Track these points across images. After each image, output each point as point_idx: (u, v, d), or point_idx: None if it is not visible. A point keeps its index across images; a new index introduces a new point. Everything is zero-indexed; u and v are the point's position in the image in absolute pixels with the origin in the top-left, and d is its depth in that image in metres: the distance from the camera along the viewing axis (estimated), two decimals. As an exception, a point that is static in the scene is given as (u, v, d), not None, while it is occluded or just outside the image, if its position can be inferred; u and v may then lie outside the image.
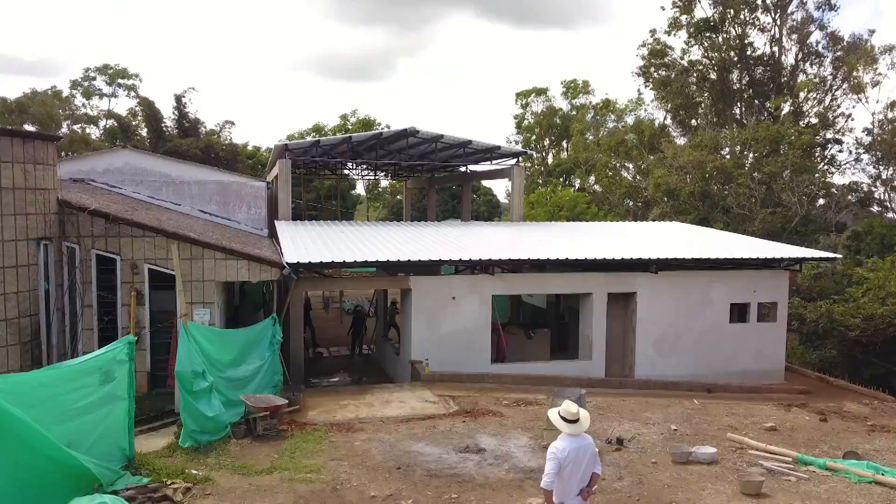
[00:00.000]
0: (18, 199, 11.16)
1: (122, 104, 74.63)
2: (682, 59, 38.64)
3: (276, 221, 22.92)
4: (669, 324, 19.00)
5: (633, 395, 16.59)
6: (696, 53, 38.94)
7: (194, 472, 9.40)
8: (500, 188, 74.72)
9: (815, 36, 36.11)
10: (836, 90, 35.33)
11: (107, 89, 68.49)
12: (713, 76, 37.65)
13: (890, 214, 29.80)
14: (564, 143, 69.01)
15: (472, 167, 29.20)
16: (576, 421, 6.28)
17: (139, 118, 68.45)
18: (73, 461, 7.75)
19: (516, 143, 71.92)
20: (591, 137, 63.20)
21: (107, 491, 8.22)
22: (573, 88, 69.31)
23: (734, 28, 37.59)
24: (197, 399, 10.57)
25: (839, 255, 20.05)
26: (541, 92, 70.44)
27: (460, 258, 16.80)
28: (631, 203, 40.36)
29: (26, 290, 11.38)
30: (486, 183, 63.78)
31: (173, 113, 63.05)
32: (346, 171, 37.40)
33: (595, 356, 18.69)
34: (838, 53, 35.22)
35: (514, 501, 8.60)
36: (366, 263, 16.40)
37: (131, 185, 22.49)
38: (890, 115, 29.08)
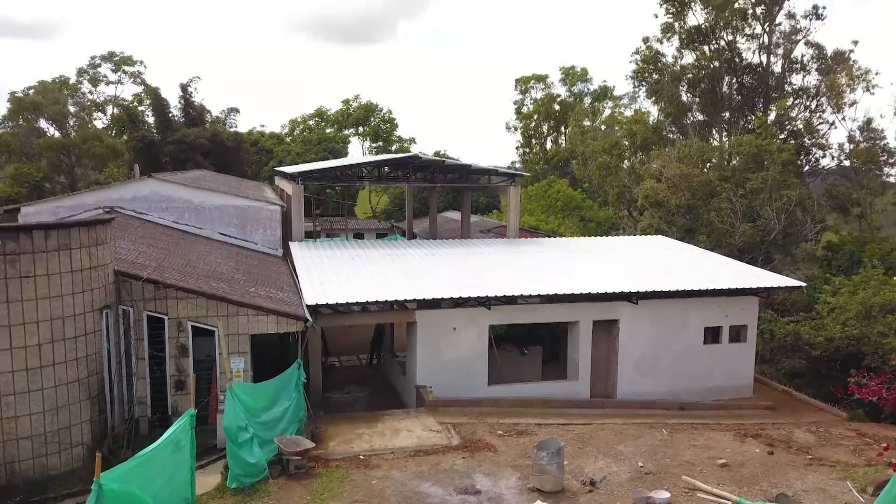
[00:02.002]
0: (86, 277, 13.14)
1: (128, 90, 75.84)
2: (673, 64, 40.15)
3: (290, 243, 24.91)
4: (649, 346, 21.14)
5: (613, 417, 18.79)
6: (688, 57, 40.52)
7: (244, 515, 11.59)
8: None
9: (802, 47, 37.63)
10: (822, 97, 37.00)
11: (112, 76, 69.97)
12: (704, 83, 39.19)
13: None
14: (563, 128, 70.48)
15: (471, 170, 31.01)
16: None
17: (145, 104, 69.91)
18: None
19: (515, 129, 73.48)
20: (588, 123, 64.76)
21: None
22: (572, 75, 70.47)
23: (725, 35, 39.03)
24: (241, 448, 12.72)
25: (803, 284, 22.04)
26: (540, 79, 71.78)
27: (460, 296, 18.86)
28: (626, 201, 42.14)
29: (93, 353, 13.44)
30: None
31: (179, 102, 64.59)
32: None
33: (581, 377, 20.88)
34: (823, 65, 36.84)
35: (503, 544, 10.78)
36: (377, 303, 18.43)
37: (157, 212, 24.39)
38: (866, 131, 30.85)
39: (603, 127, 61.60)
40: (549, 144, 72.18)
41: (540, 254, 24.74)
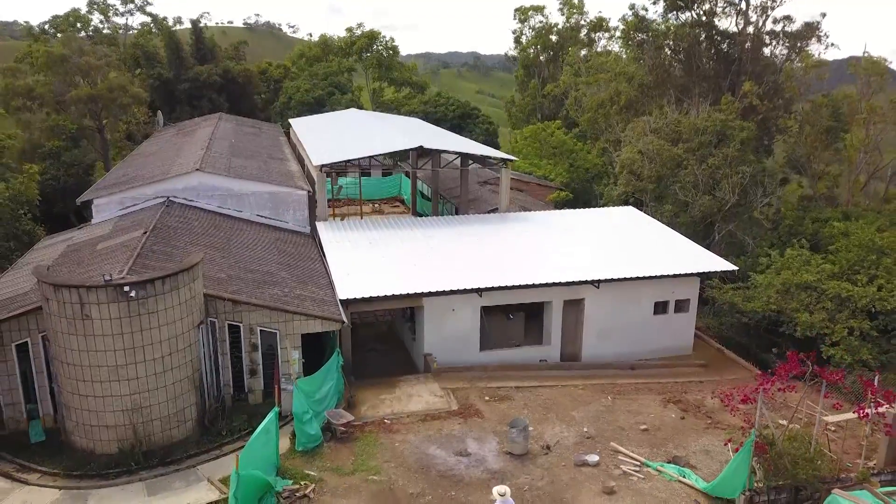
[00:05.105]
0: (189, 305, 18.30)
1: (136, 20, 77.58)
2: (656, 29, 43.32)
3: (316, 223, 29.84)
4: (608, 318, 26.51)
5: (575, 379, 24.42)
6: (672, 21, 43.63)
7: (312, 473, 17.35)
8: (499, 117, 79.06)
9: (776, 15, 40.80)
10: (793, 62, 40.59)
11: (121, 7, 71.96)
12: (684, 45, 42.50)
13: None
14: (561, 57, 72.89)
15: (469, 157, 35.50)
16: (504, 495, 13.92)
17: (153, 33, 72.18)
18: (265, 481, 15.65)
19: (514, 59, 75.91)
20: (584, 53, 67.51)
21: (277, 490, 16.16)
22: (569, 5, 72.10)
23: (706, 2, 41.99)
24: (305, 425, 18.36)
25: (736, 268, 27.17)
26: (538, 9, 73.32)
27: (458, 288, 24.07)
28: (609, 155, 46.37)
29: (195, 357, 18.82)
30: (484, 112, 68.77)
31: (190, 38, 67.17)
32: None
33: (553, 343, 26.41)
34: (794, 30, 40.25)
35: (484, 494, 16.53)
36: (395, 297, 23.60)
37: (204, 199, 29.14)
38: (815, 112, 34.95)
39: (598, 54, 64.52)
40: (546, 73, 74.83)
41: (524, 234, 29.61)
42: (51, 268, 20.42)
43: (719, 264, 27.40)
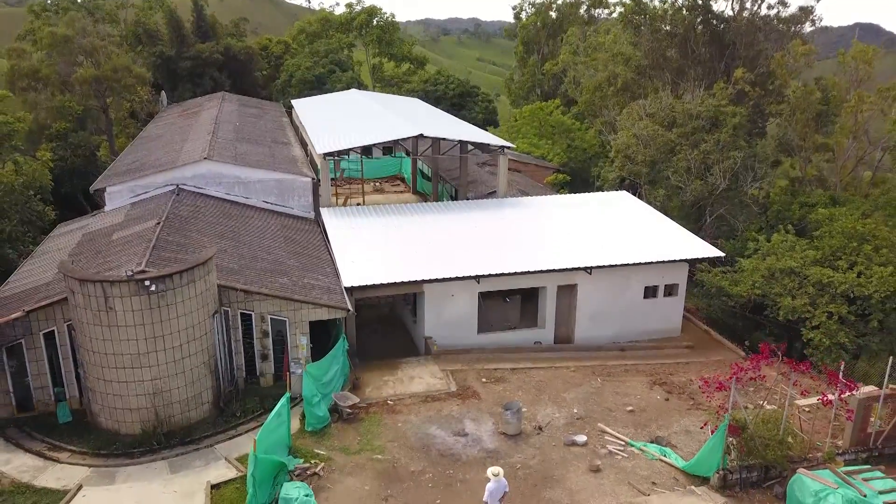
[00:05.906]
0: (205, 297, 19.55)
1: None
2: (655, 10, 43.90)
3: (321, 209, 30.95)
4: (600, 302, 27.79)
5: (567, 360, 25.79)
6: (668, 3, 44.16)
7: (321, 452, 18.77)
8: (499, 85, 79.20)
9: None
10: (785, 49, 41.23)
11: (122, -15, 71.81)
12: (680, 30, 43.11)
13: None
14: (560, 34, 73.13)
15: (468, 143, 36.44)
16: (498, 475, 15.31)
17: (153, 10, 72.29)
18: (280, 461, 17.06)
19: (514, 36, 76.16)
20: (586, 27, 67.89)
21: (289, 468, 17.60)
22: (569, -18, 72.00)
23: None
24: (314, 407, 19.75)
25: (723, 254, 28.36)
26: (539, -14, 73.24)
27: (456, 276, 25.30)
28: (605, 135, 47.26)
29: (211, 344, 20.13)
30: (485, 79, 69.33)
31: (191, 14, 67.38)
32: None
33: (548, 326, 27.73)
34: (788, 15, 40.87)
35: (480, 472, 17.94)
36: (400, 283, 24.82)
37: (213, 186, 30.21)
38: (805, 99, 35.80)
39: (596, 33, 64.89)
40: (545, 49, 75.13)
41: (520, 220, 30.75)
42: (73, 260, 21.61)
43: (707, 251, 28.60)
